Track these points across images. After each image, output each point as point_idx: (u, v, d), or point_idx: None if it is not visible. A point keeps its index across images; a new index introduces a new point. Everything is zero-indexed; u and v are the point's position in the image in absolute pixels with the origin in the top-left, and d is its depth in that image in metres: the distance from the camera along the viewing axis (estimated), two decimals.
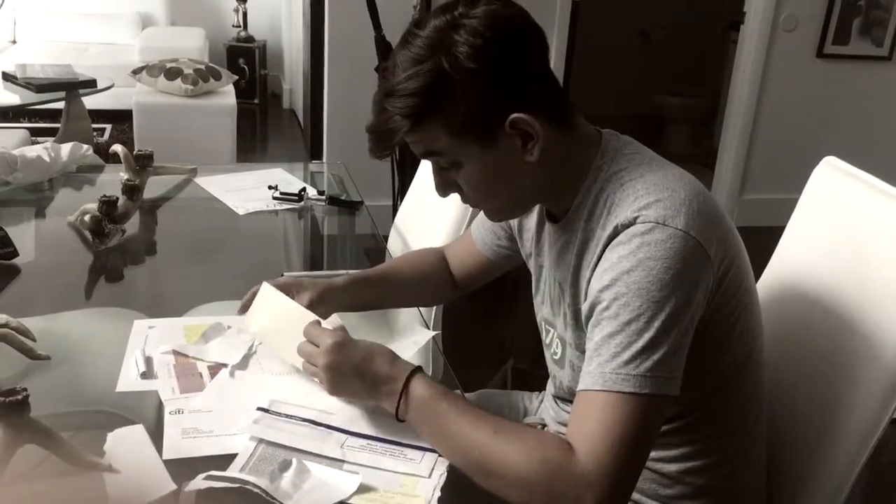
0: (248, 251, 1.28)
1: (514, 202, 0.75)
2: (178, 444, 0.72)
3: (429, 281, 1.00)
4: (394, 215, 1.52)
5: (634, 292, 0.65)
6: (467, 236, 0.98)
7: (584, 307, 0.71)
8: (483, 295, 1.13)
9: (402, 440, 0.72)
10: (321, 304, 0.86)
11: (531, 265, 0.87)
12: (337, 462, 0.69)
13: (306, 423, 0.73)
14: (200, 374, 0.85)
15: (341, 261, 1.35)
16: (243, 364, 0.87)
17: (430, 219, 1.26)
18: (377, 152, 0.70)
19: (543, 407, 0.94)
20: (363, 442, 0.72)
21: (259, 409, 0.75)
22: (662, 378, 0.65)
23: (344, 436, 0.72)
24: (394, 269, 0.99)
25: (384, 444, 0.72)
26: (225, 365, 0.86)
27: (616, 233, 0.68)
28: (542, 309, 0.86)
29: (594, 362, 0.66)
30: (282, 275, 1.05)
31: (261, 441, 0.71)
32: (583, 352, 0.70)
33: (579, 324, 0.74)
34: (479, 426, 0.66)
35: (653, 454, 0.76)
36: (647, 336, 0.64)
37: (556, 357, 0.82)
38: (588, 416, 0.65)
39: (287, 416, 0.74)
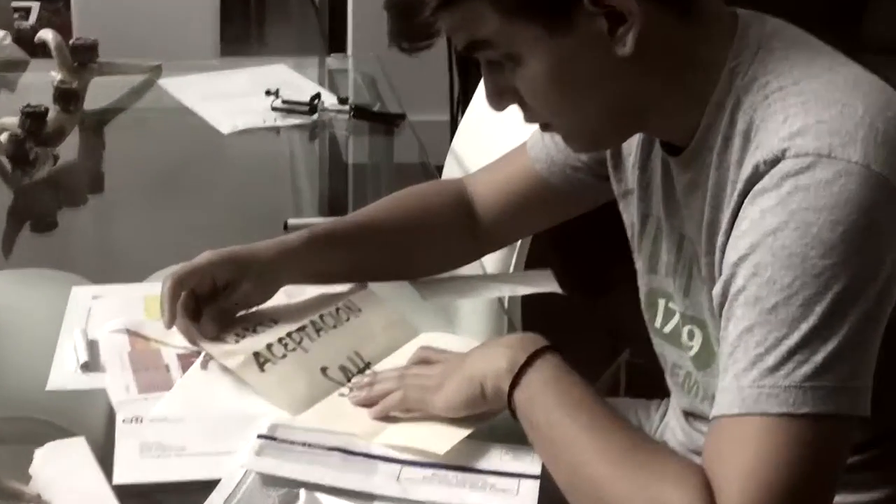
0: (237, 188, 1.21)
1: (599, 120, 0.70)
2: (134, 466, 0.69)
3: (434, 233, 0.93)
4: (451, 135, 1.44)
5: (783, 262, 0.60)
6: (516, 156, 0.91)
7: (716, 289, 0.66)
8: (584, 255, 1.11)
9: (482, 465, 0.69)
10: (267, 281, 0.82)
11: (630, 210, 0.81)
12: (396, 501, 0.67)
13: (336, 453, 0.69)
14: (167, 367, 0.80)
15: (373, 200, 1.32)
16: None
17: (505, 140, 1.13)
18: (402, 40, 0.66)
19: (667, 425, 0.90)
20: (427, 471, 0.69)
21: (261, 436, 0.69)
22: (832, 389, 0.59)
23: (397, 465, 0.69)
24: (377, 217, 0.92)
25: (459, 472, 0.69)
26: (198, 352, 0.79)
27: (758, 174, 0.62)
28: (651, 278, 0.79)
29: (729, 373, 0.62)
30: (285, 226, 1.00)
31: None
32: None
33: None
34: (606, 439, 0.63)
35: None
36: (804, 327, 0.59)
37: (693, 352, 0.77)
38: (725, 453, 0.60)
39: (305, 444, 0.69)
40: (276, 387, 0.77)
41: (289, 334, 0.81)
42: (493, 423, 0.72)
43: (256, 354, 0.78)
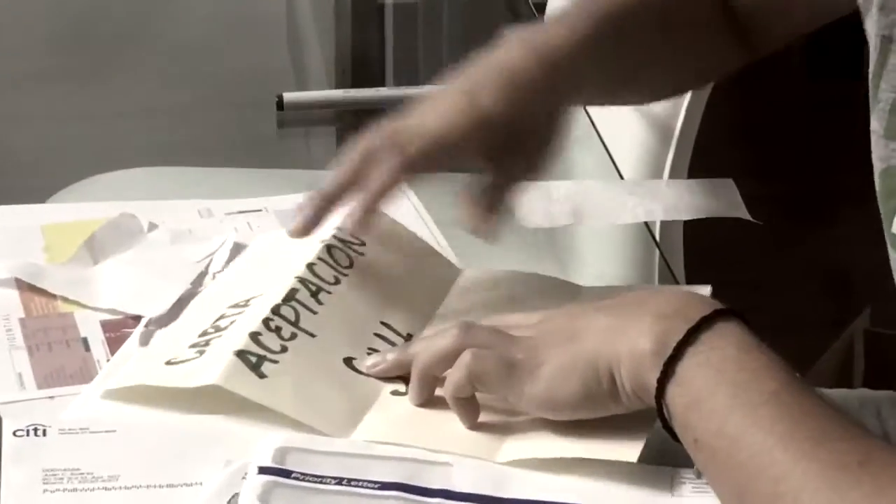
0: (200, 48, 1.20)
1: None
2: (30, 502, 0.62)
3: (689, 26, 0.89)
4: None
5: None
6: None
7: None
8: (789, 160, 1.14)
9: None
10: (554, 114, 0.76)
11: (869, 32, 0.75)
12: None
13: (395, 494, 0.60)
14: (84, 342, 0.71)
15: (430, 52, 1.28)
16: (175, 312, 0.70)
17: None
18: None
19: None
20: None
21: (264, 470, 0.60)
22: None
23: None
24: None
25: None
26: (137, 318, 0.70)
27: None
28: (893, 148, 0.75)
29: None
30: (279, 104, 0.99)
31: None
32: None
33: None
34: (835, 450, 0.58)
35: None
36: None
37: None
38: None
39: (341, 481, 0.59)
40: (295, 399, 0.66)
41: (275, 311, 0.69)
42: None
43: (242, 354, 0.66)
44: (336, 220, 0.76)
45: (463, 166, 0.80)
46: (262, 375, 0.66)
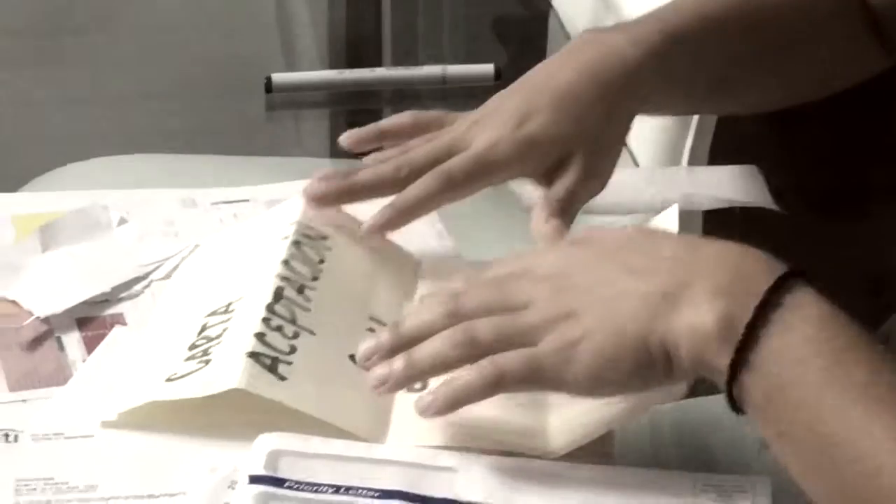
0: (183, 27, 1.21)
1: None
2: None
3: (818, 24, 0.88)
4: None
5: None
6: None
7: None
8: (823, 147, 1.15)
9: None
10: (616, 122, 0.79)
11: None
12: None
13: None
14: (58, 341, 0.71)
15: (432, 38, 1.30)
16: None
17: None
18: None
19: None
20: None
21: (255, 479, 0.61)
22: None
23: None
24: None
25: None
26: (110, 317, 0.71)
27: None
28: None
29: None
30: (267, 87, 1.01)
31: None
32: None
33: None
34: None
35: None
36: None
37: None
38: None
39: (337, 489, 0.61)
40: (321, 402, 0.67)
41: (270, 310, 0.70)
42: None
43: (255, 356, 0.67)
44: (294, 214, 0.78)
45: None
46: (281, 377, 0.66)
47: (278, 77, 1.06)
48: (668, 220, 0.76)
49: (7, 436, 0.64)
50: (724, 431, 0.76)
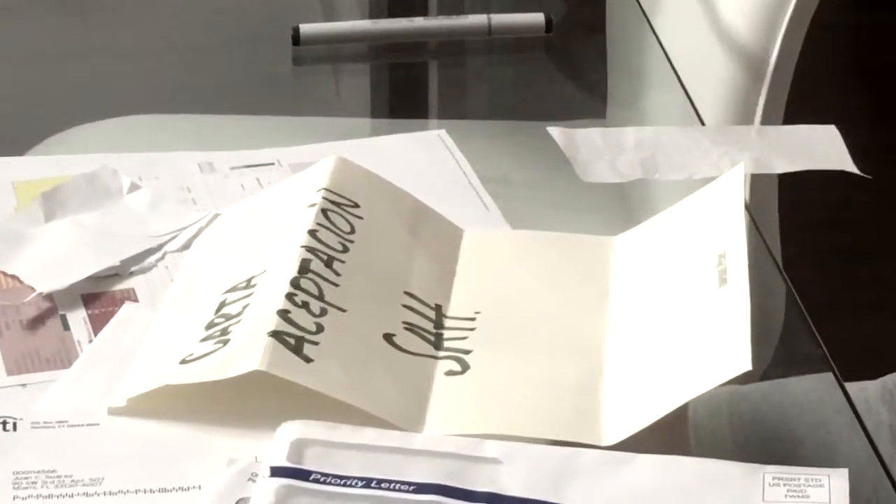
0: None
1: None
2: None
3: None
4: None
5: None
6: None
7: None
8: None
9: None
10: None
11: None
12: None
13: (432, 500, 0.61)
14: (62, 319, 0.72)
15: None
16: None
17: None
18: None
19: None
20: None
21: (276, 471, 0.61)
22: None
23: None
24: None
25: None
26: (119, 293, 0.72)
27: None
28: None
29: None
30: (295, 38, 1.01)
31: None
32: None
33: None
34: None
35: None
36: None
37: None
38: None
39: (368, 482, 0.61)
40: (352, 385, 0.67)
41: (295, 284, 0.70)
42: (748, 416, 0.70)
43: (278, 335, 0.66)
44: (322, 179, 0.77)
45: None
46: (307, 359, 0.65)
47: (307, 27, 1.03)
48: (733, 183, 0.75)
49: (5, 424, 0.63)
50: (808, 415, 0.76)
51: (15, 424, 0.63)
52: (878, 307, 0.87)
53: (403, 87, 1.22)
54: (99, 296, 0.73)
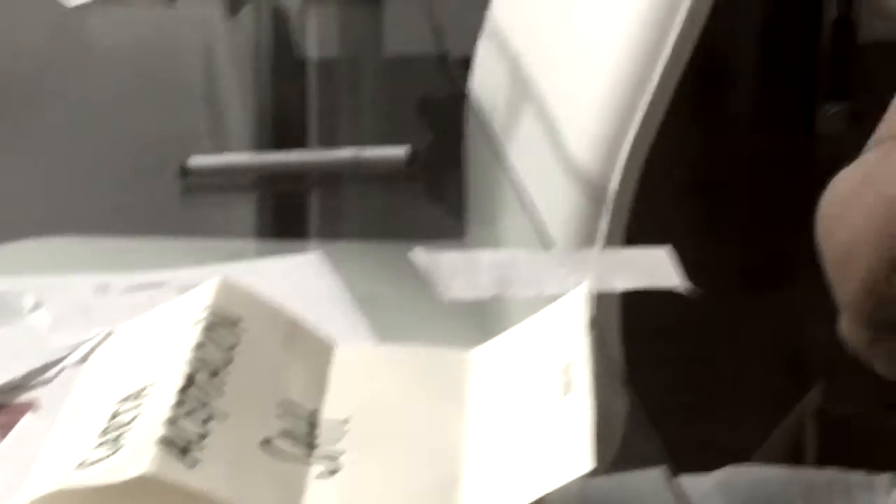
0: (102, 106, 1.20)
1: None
2: None
3: None
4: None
5: None
6: None
7: None
8: (738, 220, 1.26)
9: None
10: None
11: None
12: None
13: None
14: None
15: (349, 123, 1.31)
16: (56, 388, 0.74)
17: (580, 21, 1.24)
18: None
19: None
20: None
21: None
22: None
23: None
24: None
25: None
26: (24, 403, 0.72)
27: None
28: None
29: None
30: (183, 171, 1.03)
31: None
32: None
33: None
34: None
35: None
36: None
37: None
38: None
39: None
40: (231, 488, 0.67)
41: (181, 394, 0.72)
42: None
43: (165, 441, 0.67)
44: (207, 299, 0.80)
45: None
46: (193, 464, 0.66)
47: (196, 160, 1.06)
48: (577, 300, 0.81)
49: None
50: None
51: None
52: (711, 408, 0.93)
53: (284, 213, 1.24)
54: (2, 407, 0.74)
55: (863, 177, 0.86)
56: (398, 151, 1.17)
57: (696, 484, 1.00)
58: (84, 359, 0.79)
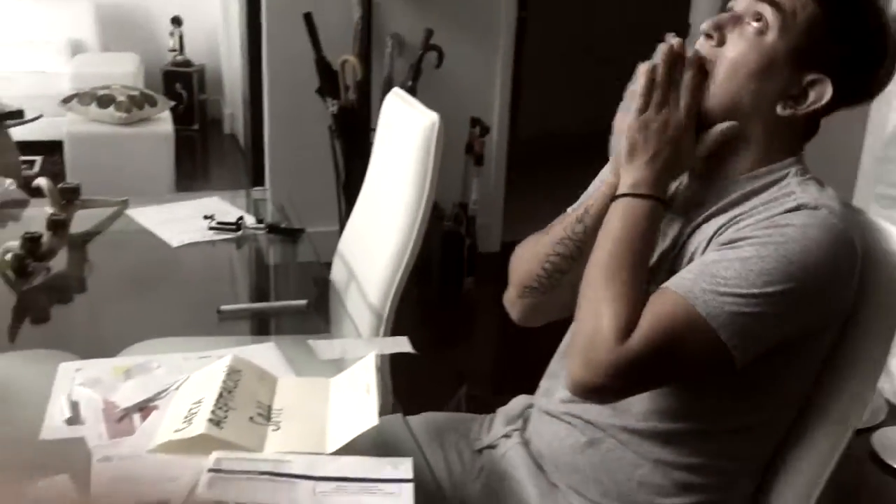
0: (185, 284, 1.78)
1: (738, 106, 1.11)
2: (105, 492, 0.98)
3: None
4: (338, 241, 2.06)
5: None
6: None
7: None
8: (436, 319, 1.60)
9: (373, 475, 1.01)
10: None
11: None
12: None
13: (266, 476, 1.00)
14: (132, 418, 1.16)
15: (285, 291, 1.93)
16: (146, 402, 1.17)
17: (374, 243, 1.78)
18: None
19: (534, 429, 1.32)
20: (334, 485, 1.01)
21: (210, 470, 1.02)
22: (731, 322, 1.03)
23: (311, 482, 1.00)
24: None
25: (357, 482, 1.00)
26: (153, 406, 1.18)
27: None
28: None
29: (694, 271, 1.06)
30: (218, 311, 1.53)
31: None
32: None
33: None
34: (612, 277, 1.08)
35: (665, 454, 1.17)
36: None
37: None
38: (655, 304, 1.05)
39: (242, 472, 1.01)
40: (238, 436, 1.11)
41: (218, 400, 1.15)
42: (376, 440, 1.05)
43: (211, 420, 1.10)
44: (226, 363, 1.21)
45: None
46: (220, 428, 1.10)
47: (225, 307, 1.60)
48: (371, 358, 1.24)
49: (107, 458, 0.98)
50: None
51: (110, 458, 1.03)
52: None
53: (259, 325, 1.69)
54: (143, 409, 1.19)
55: None
56: (301, 303, 1.68)
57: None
58: (177, 388, 1.26)
